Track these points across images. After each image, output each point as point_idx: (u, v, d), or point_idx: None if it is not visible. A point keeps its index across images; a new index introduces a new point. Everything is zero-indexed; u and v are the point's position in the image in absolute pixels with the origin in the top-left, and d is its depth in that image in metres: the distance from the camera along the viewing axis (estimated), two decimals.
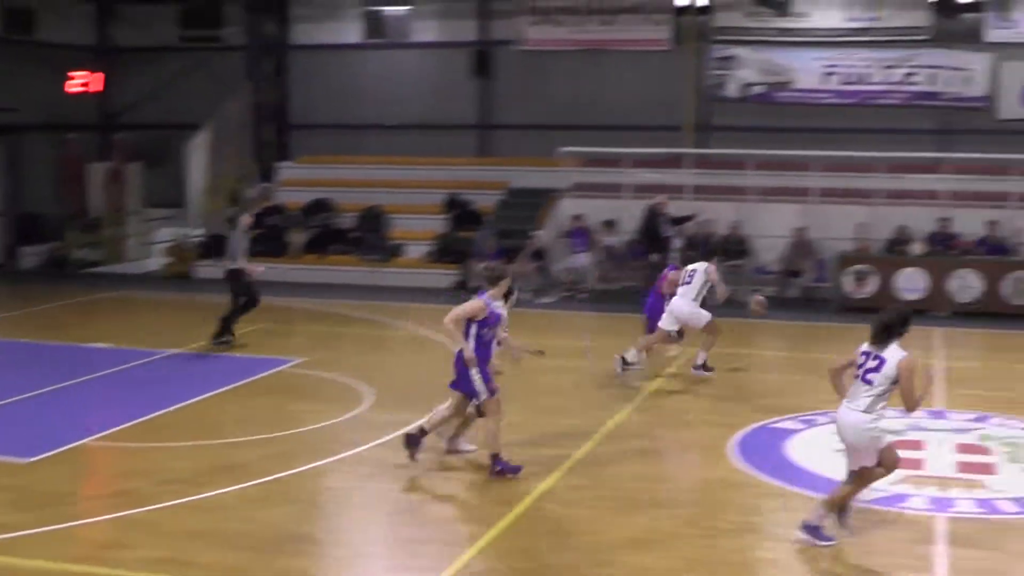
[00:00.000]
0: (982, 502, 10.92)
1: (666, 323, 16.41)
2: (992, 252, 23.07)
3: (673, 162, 26.40)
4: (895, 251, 23.50)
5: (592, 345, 18.59)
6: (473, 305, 11.48)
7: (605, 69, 29.28)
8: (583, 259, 24.96)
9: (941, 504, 10.81)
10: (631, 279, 24.25)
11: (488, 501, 10.85)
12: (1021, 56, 26.15)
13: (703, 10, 28.46)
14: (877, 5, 27.09)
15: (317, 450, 12.43)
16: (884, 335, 9.56)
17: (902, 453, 12.37)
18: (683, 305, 16.24)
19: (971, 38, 26.50)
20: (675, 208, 23.11)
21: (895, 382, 9.40)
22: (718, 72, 28.30)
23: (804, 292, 23.83)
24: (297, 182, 29.76)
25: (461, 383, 11.54)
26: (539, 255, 25.10)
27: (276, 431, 13.19)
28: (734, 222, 24.83)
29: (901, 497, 10.98)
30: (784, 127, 27.06)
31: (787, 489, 11.23)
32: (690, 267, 16.55)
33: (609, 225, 25.32)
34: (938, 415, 14.23)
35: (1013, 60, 26.19)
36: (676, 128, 28.04)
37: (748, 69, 28.07)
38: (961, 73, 26.56)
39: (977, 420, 14.06)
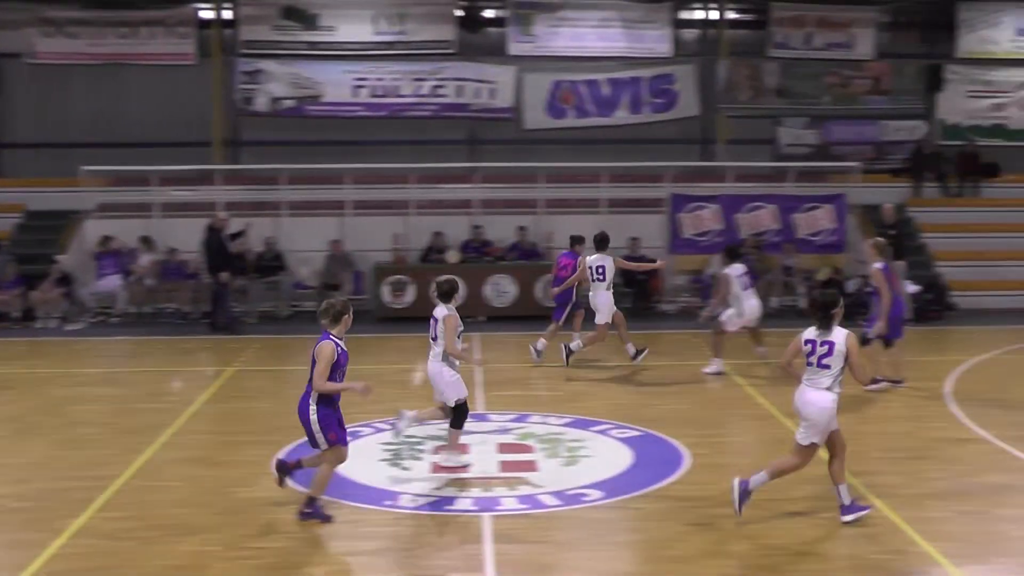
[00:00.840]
0: (525, 498, 11.28)
1: (601, 318, 17.81)
2: (523, 257, 24.17)
3: (204, 179, 25.94)
4: (431, 260, 24.12)
5: (127, 371, 17.89)
6: (326, 353, 10.36)
7: (128, 84, 28.45)
8: (113, 282, 24.00)
9: (487, 504, 11.07)
10: (173, 300, 23.71)
11: (13, 544, 10.10)
12: (542, 68, 27.61)
13: (228, 23, 28.16)
14: (403, 19, 27.71)
15: None
16: (827, 319, 10.32)
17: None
18: (605, 297, 17.75)
19: (495, 52, 27.68)
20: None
21: (847, 358, 10.23)
22: (246, 86, 28.11)
23: None
24: None
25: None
26: (65, 280, 23.89)
27: None
28: (269, 237, 24.65)
29: (448, 500, 11.17)
30: (316, 140, 27.25)
31: (334, 502, 11.15)
32: (594, 261, 17.77)
33: (148, 243, 24.47)
34: (481, 418, 14.63)
35: (535, 72, 27.59)
36: (206, 144, 27.60)
37: (277, 83, 28.06)
38: (487, 85, 27.69)
39: (517, 420, 14.58)
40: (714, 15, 27.94)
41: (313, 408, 10.44)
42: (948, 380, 17.01)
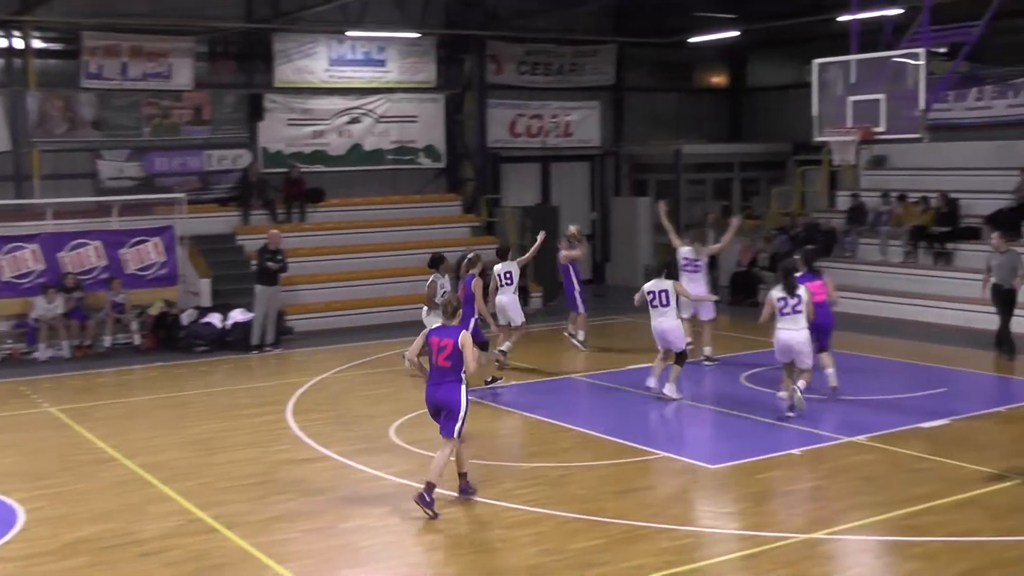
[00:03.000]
0: None
1: (501, 318, 19.69)
2: None
3: None
4: None
5: None
6: (470, 339, 11.93)
7: None
8: None
9: None
10: None
11: None
12: None
13: None
14: None
15: None
16: (793, 280, 15.52)
17: None
18: (509, 301, 19.68)
19: None
20: None
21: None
22: None
23: None
24: None
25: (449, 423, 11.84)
26: None
27: None
28: None
29: None
30: None
31: None
32: (502, 269, 19.77)
33: None
34: None
35: None
36: None
37: None
38: None
39: None
40: (19, 44, 26.78)
41: (464, 393, 11.86)
42: (290, 403, 17.47)
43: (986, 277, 20.08)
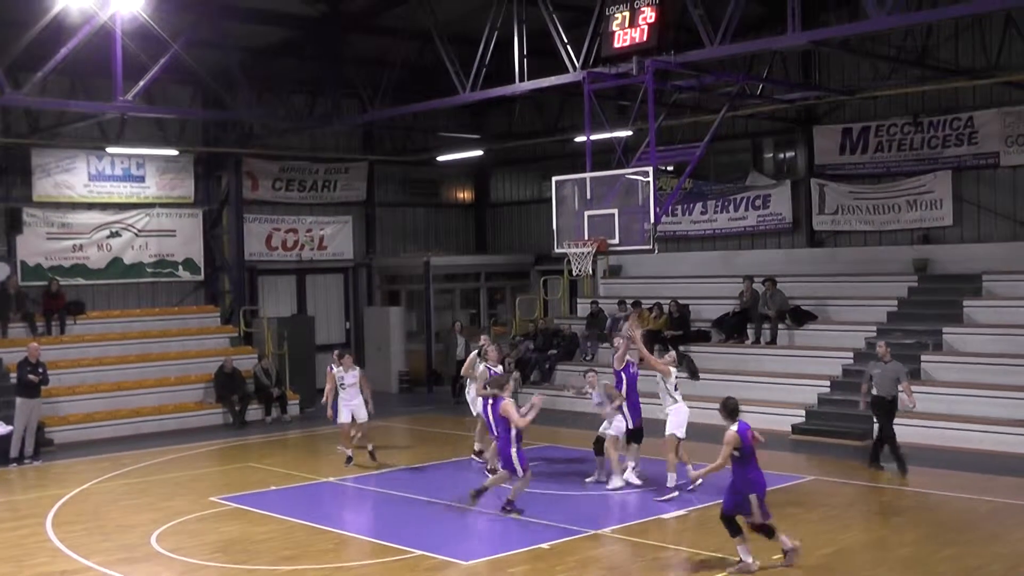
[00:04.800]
0: None
1: None
2: None
3: None
4: None
5: None
6: (513, 407, 15.85)
7: None
8: None
9: None
10: None
11: None
12: None
13: None
14: None
15: None
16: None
17: None
18: None
19: None
20: None
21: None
22: None
23: None
24: None
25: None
26: None
27: None
28: None
29: None
30: None
31: None
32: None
33: None
34: None
35: None
36: None
37: None
38: None
39: None
40: None
41: (514, 451, 15.73)
42: (49, 515, 16.63)
43: (866, 388, 19.13)
